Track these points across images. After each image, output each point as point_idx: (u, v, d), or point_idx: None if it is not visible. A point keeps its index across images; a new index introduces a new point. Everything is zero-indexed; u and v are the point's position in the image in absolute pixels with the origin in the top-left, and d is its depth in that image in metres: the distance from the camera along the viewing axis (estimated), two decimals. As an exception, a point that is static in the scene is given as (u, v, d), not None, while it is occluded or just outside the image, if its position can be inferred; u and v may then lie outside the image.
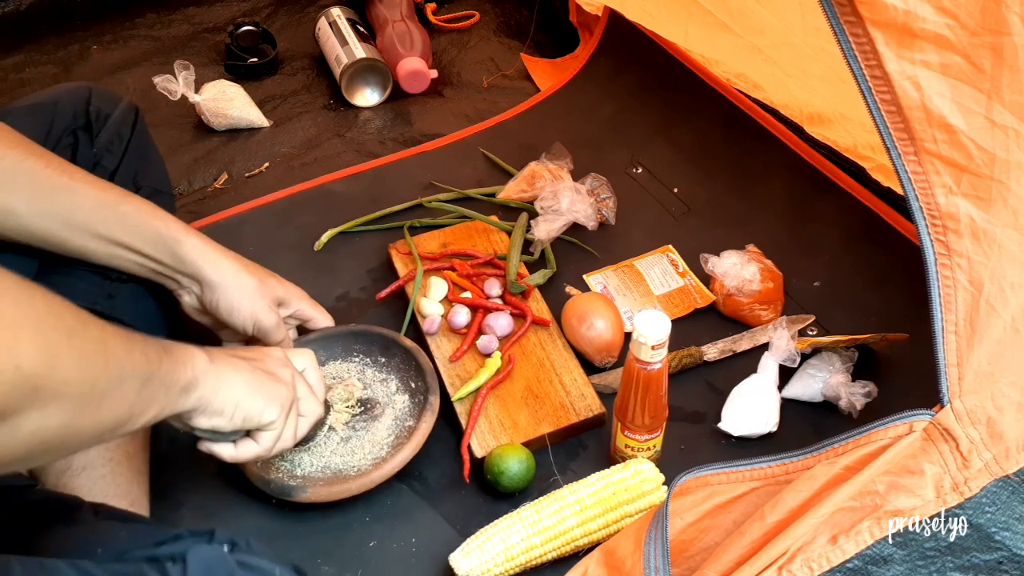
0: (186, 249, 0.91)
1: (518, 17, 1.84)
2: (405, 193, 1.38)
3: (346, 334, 1.09)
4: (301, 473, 0.99)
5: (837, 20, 0.69)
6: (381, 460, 0.99)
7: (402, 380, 1.07)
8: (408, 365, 1.07)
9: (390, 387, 1.07)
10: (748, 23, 1.36)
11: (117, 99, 1.03)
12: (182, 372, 0.70)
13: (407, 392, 1.06)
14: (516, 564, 0.89)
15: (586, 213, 1.27)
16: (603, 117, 1.53)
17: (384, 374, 1.08)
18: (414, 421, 1.02)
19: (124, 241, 0.89)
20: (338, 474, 0.99)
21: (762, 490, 0.81)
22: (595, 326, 1.10)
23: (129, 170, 1.00)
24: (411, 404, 1.05)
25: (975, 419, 0.75)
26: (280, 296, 1.00)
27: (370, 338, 1.10)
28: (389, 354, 1.09)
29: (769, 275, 1.17)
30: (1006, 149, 0.71)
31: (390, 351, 1.09)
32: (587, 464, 1.03)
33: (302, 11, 1.84)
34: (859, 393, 1.03)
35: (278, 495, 0.96)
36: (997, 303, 0.74)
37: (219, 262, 0.94)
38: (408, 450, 0.98)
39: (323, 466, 1.00)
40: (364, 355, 1.10)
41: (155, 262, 0.91)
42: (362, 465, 1.00)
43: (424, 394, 1.03)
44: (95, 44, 1.73)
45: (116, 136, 1.00)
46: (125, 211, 0.89)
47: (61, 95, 0.98)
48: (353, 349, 1.10)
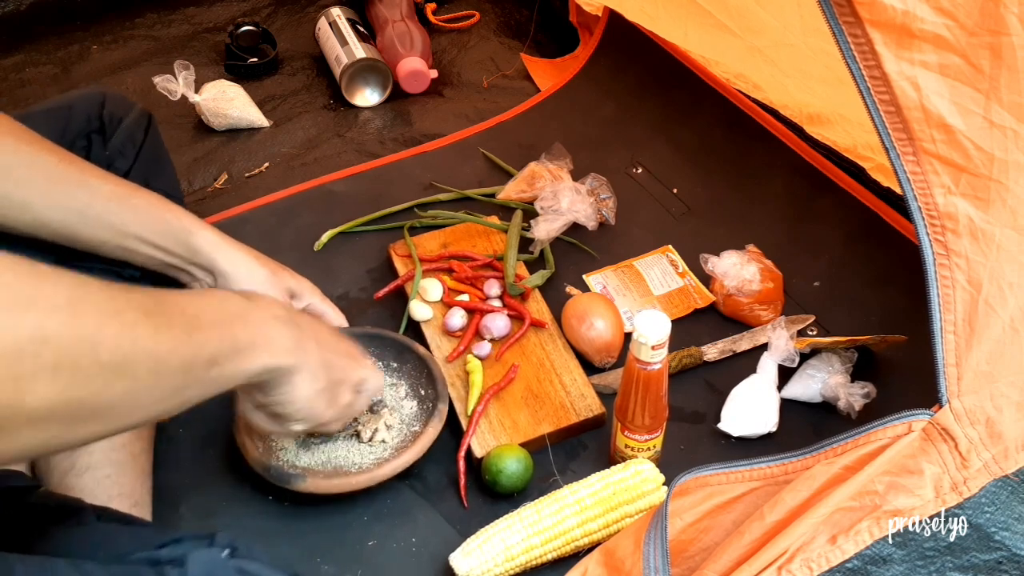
0: (199, 240, 0.92)
1: (518, 17, 1.84)
2: (405, 193, 1.38)
3: (360, 336, 1.07)
4: (302, 464, 0.99)
5: (836, 21, 0.69)
6: (384, 460, 0.99)
7: (412, 386, 1.07)
8: (420, 372, 1.07)
9: (399, 392, 1.07)
10: (747, 24, 1.36)
11: (131, 104, 1.04)
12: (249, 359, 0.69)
13: (416, 398, 1.06)
14: (516, 564, 0.89)
15: (586, 213, 1.27)
16: (603, 117, 1.53)
17: (395, 379, 1.08)
18: (420, 426, 1.02)
19: (137, 233, 0.90)
20: (339, 469, 0.99)
21: (762, 490, 0.81)
22: (595, 326, 1.10)
23: (140, 174, 1.00)
24: (419, 410, 1.05)
25: (974, 419, 0.75)
26: (292, 288, 1.00)
27: (384, 342, 1.09)
28: (402, 359, 1.09)
29: (769, 275, 1.17)
30: (1004, 149, 0.71)
31: (403, 357, 1.09)
32: (587, 464, 1.03)
33: (302, 11, 1.84)
34: (858, 394, 1.03)
35: (276, 481, 0.95)
36: (996, 303, 0.74)
37: (232, 253, 0.95)
38: (412, 453, 0.98)
39: (324, 461, 1.00)
40: (377, 359, 1.09)
41: (168, 253, 0.92)
42: (364, 463, 1.00)
43: (433, 401, 1.03)
44: (95, 44, 1.74)
45: (129, 140, 1.00)
46: (137, 204, 0.90)
47: (75, 100, 0.99)
48: (366, 352, 1.08)
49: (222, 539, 0.65)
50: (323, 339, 0.79)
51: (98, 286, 0.54)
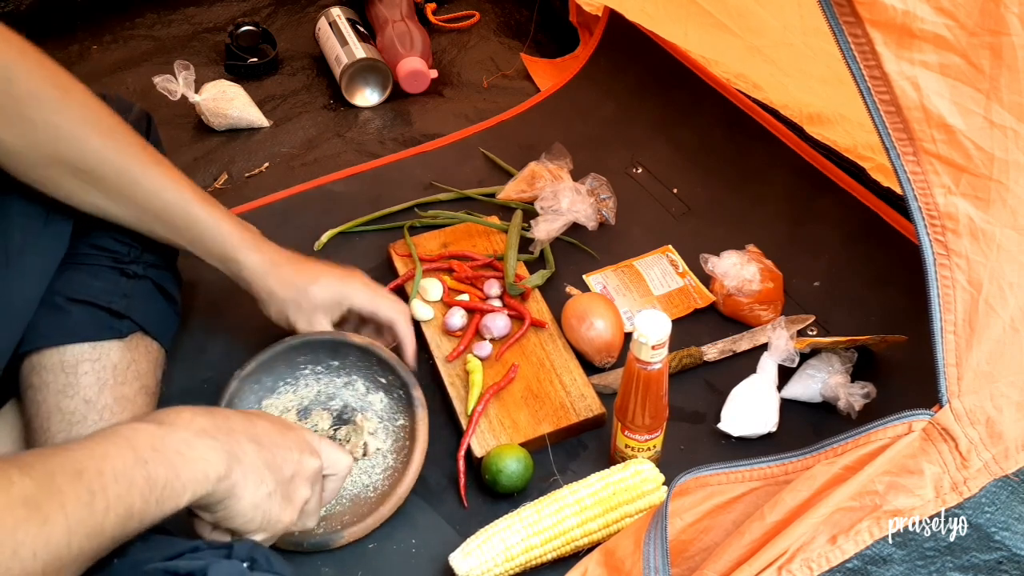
0: (243, 271, 0.99)
1: (518, 17, 1.84)
2: (405, 193, 1.38)
3: (286, 350, 1.02)
4: (323, 513, 0.95)
5: (836, 21, 0.69)
6: (392, 468, 0.99)
7: (367, 378, 1.04)
8: (367, 362, 1.03)
9: (357, 389, 1.04)
10: (747, 23, 1.36)
11: (130, 105, 1.05)
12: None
13: (380, 389, 1.04)
14: (516, 564, 0.89)
15: (586, 213, 1.27)
16: (603, 117, 1.53)
17: (343, 377, 1.05)
18: (405, 419, 1.01)
19: (187, 245, 0.98)
20: (357, 499, 0.97)
21: (762, 490, 0.81)
22: (595, 326, 1.10)
23: None
24: (390, 401, 1.04)
25: (974, 419, 0.75)
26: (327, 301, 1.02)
27: (314, 346, 1.03)
28: (340, 355, 1.04)
29: (769, 275, 1.17)
30: (1005, 149, 0.71)
31: (340, 352, 1.03)
32: (587, 464, 1.03)
33: (302, 11, 1.84)
34: (858, 394, 1.03)
35: (319, 549, 0.92)
36: (996, 303, 0.74)
37: (267, 283, 1.00)
38: (418, 454, 0.97)
39: (338, 498, 0.98)
40: (312, 364, 1.04)
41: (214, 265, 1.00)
42: (375, 482, 0.99)
43: (401, 388, 1.01)
44: (95, 44, 1.73)
45: None
46: (193, 215, 0.96)
47: None
48: (297, 363, 1.03)
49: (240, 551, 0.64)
50: (261, 436, 0.74)
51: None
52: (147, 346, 1.00)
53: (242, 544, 0.65)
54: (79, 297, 0.95)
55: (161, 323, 1.03)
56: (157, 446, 0.64)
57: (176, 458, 0.65)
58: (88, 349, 0.94)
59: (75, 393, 0.92)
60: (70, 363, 0.93)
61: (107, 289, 0.97)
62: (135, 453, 0.63)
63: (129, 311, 0.98)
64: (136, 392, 0.96)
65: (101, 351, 0.95)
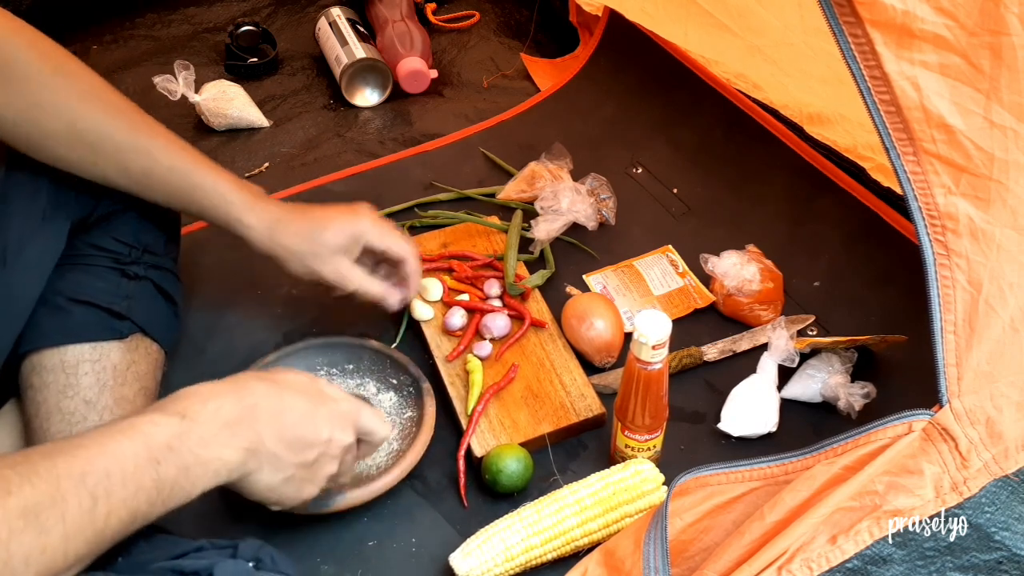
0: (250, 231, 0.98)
1: (518, 17, 1.84)
2: (405, 193, 1.38)
3: (306, 350, 1.07)
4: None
5: (836, 21, 0.69)
6: (397, 451, 1.00)
7: (379, 380, 1.07)
8: (381, 365, 1.07)
9: (368, 390, 1.07)
10: (747, 23, 1.36)
11: None
12: None
13: (391, 389, 1.06)
14: (516, 564, 0.89)
15: (586, 213, 1.27)
16: (603, 117, 1.53)
17: (356, 379, 1.07)
18: (413, 411, 1.02)
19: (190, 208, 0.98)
20: (359, 477, 0.98)
21: (762, 490, 0.81)
22: (595, 326, 1.10)
23: None
24: (400, 398, 1.05)
25: (974, 419, 0.75)
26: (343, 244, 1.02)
27: (334, 349, 1.07)
28: (356, 359, 1.08)
29: (769, 275, 1.17)
30: (1005, 149, 0.71)
31: (356, 355, 1.08)
32: (587, 464, 1.03)
33: (302, 11, 1.84)
34: (858, 394, 1.03)
35: (315, 511, 0.92)
36: (996, 303, 0.74)
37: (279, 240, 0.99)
38: (425, 434, 0.99)
39: None
40: (328, 367, 1.08)
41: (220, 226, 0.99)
42: (380, 462, 1.00)
43: (411, 386, 1.03)
44: (95, 44, 1.73)
45: None
46: (195, 183, 0.96)
47: None
48: (315, 363, 1.07)
49: (245, 550, 0.64)
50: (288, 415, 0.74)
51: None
52: (147, 347, 1.00)
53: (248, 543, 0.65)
54: (80, 297, 0.95)
55: (161, 325, 1.03)
56: (174, 445, 0.64)
57: (190, 458, 0.65)
58: (88, 350, 0.94)
59: (75, 394, 0.92)
60: (70, 363, 0.93)
61: (108, 290, 0.98)
62: (149, 452, 0.63)
63: (130, 312, 0.98)
64: (136, 393, 0.97)
65: (101, 352, 0.95)
